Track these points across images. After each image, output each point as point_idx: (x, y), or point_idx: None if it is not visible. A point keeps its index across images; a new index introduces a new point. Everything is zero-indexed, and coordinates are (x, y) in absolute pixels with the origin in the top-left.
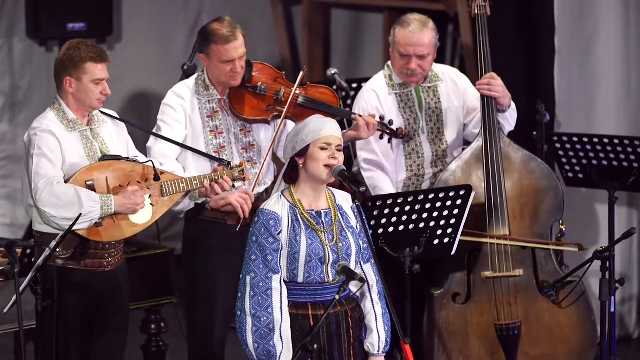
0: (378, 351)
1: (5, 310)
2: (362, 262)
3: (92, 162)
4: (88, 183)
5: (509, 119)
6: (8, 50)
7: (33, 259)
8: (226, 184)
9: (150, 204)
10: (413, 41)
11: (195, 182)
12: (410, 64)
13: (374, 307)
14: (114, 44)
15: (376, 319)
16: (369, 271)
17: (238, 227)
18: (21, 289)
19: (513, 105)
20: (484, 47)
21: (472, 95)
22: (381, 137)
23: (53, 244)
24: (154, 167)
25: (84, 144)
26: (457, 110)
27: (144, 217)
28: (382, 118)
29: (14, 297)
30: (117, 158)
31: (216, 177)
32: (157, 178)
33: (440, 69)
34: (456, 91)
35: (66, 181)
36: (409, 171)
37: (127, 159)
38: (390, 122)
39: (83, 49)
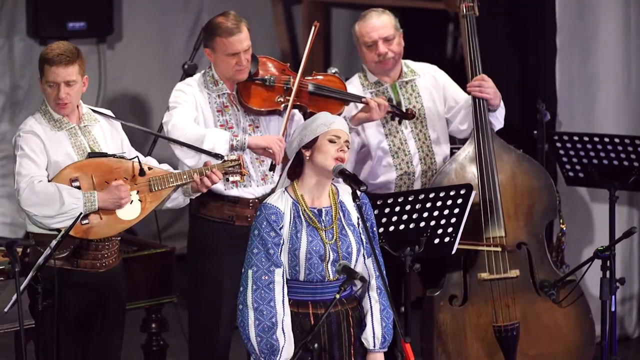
0: (374, 347)
1: (5, 309)
2: (365, 257)
3: (80, 159)
4: (73, 182)
5: (498, 118)
6: (8, 50)
7: (28, 259)
8: (215, 176)
9: (139, 200)
10: (373, 26)
11: (185, 177)
12: (379, 49)
13: (371, 302)
14: (114, 43)
15: (372, 315)
16: (370, 267)
17: (277, 165)
18: (22, 288)
19: (502, 103)
20: (474, 48)
21: (453, 90)
22: (392, 119)
23: (53, 243)
24: (139, 162)
25: (72, 141)
26: (437, 104)
27: (131, 213)
28: (391, 100)
29: (14, 296)
30: (103, 155)
31: (206, 171)
32: (142, 173)
33: (418, 66)
34: (435, 85)
35: (52, 179)
36: (398, 169)
37: (113, 155)
38: (399, 104)
39: (48, 49)
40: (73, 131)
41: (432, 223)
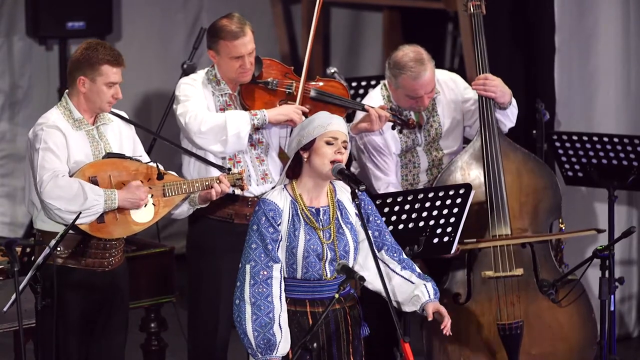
0: (429, 297)
1: (4, 309)
2: (376, 251)
3: (96, 160)
4: (91, 179)
5: (509, 116)
6: (8, 49)
7: (33, 258)
8: (225, 187)
9: (152, 204)
10: (422, 84)
11: (197, 185)
12: (424, 102)
13: (402, 275)
14: (114, 42)
15: (413, 278)
16: (385, 257)
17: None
18: (21, 287)
19: (514, 101)
20: (481, 47)
21: (472, 96)
22: (393, 128)
23: (53, 242)
24: (157, 166)
25: (90, 142)
26: (456, 117)
27: (145, 216)
28: (392, 109)
29: (14, 296)
30: (121, 156)
31: (217, 182)
32: (160, 177)
33: (436, 78)
34: (455, 99)
35: (70, 176)
36: (404, 180)
37: (130, 158)
38: (400, 112)
39: (101, 50)
40: (91, 132)
41: (432, 223)
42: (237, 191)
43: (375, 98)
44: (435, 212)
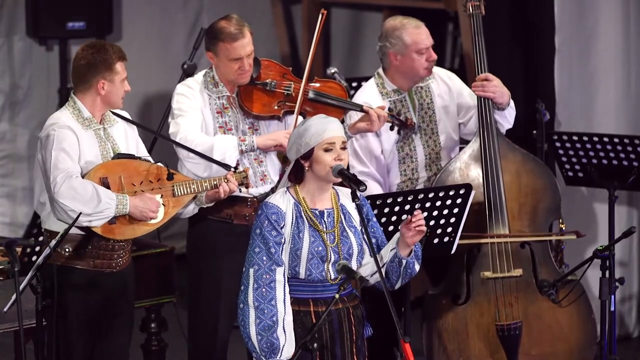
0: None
1: (5, 309)
2: (375, 253)
3: (106, 161)
4: (102, 180)
5: (507, 117)
6: (8, 49)
7: (35, 258)
8: (233, 185)
9: (162, 204)
10: (427, 33)
11: (206, 184)
12: (431, 55)
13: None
14: (114, 42)
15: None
16: (385, 253)
17: None
18: (21, 287)
19: (512, 103)
20: (480, 47)
21: (467, 94)
22: (391, 128)
23: (53, 242)
24: (167, 166)
25: (98, 142)
26: (449, 109)
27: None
28: (391, 110)
29: (14, 296)
30: (131, 157)
31: (225, 181)
32: (170, 177)
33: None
34: (448, 91)
35: (82, 177)
36: (402, 175)
37: (140, 158)
38: (399, 113)
39: (110, 49)
40: (98, 132)
41: (432, 223)
42: (243, 189)
43: (369, 88)
44: (435, 212)
